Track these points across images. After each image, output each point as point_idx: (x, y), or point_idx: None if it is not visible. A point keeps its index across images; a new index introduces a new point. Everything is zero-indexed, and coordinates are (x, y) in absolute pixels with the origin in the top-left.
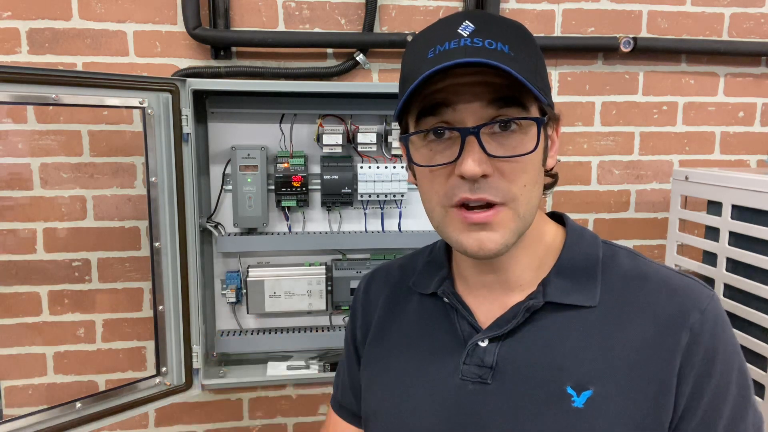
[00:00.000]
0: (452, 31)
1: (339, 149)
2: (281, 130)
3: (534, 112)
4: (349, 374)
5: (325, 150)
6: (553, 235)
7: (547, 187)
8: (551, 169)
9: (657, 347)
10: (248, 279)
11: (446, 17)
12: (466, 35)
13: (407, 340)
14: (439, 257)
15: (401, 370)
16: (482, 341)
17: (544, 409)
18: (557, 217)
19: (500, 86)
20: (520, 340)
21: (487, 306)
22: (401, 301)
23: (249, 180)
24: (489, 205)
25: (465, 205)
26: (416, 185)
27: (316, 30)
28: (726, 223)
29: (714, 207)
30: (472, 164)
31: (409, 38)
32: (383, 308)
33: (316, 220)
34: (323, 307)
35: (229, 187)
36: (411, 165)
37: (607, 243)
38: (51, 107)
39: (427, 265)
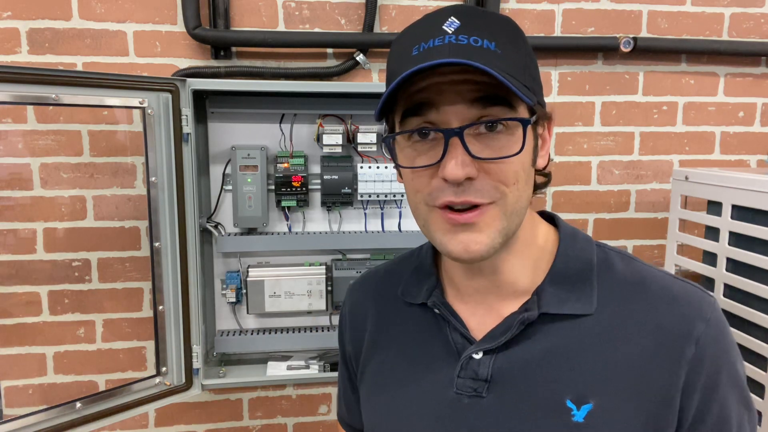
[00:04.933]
0: (437, 28)
1: (339, 149)
2: (281, 130)
3: (522, 110)
4: (351, 390)
5: (325, 150)
6: (545, 236)
7: (540, 186)
8: (544, 168)
9: (659, 358)
10: (248, 279)
11: (432, 12)
12: (450, 32)
13: (400, 352)
14: (426, 263)
15: (395, 384)
16: (476, 353)
17: (543, 423)
18: (548, 217)
19: (485, 85)
20: (515, 352)
21: (481, 314)
22: (391, 311)
23: (249, 180)
24: (474, 206)
25: (449, 207)
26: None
27: (316, 30)
28: (726, 223)
29: (714, 207)
30: (454, 167)
31: None
32: (374, 321)
33: (316, 220)
34: (323, 307)
35: (229, 187)
36: (397, 165)
37: (600, 245)
38: (51, 107)
39: (414, 271)
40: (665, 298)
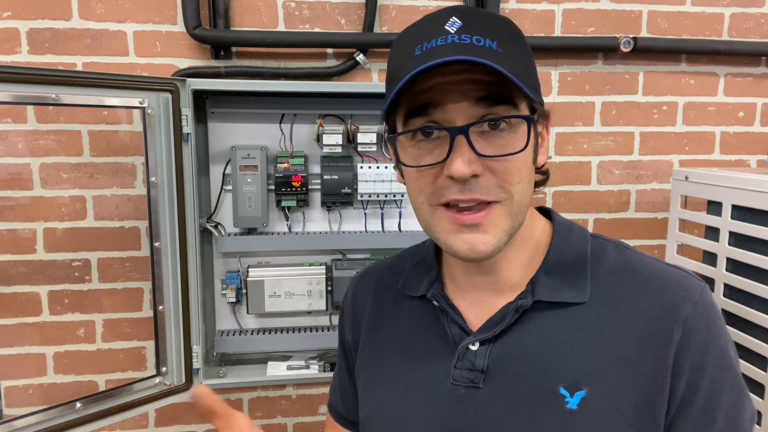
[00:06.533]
0: (439, 28)
1: (339, 149)
2: (281, 130)
3: (524, 109)
4: (349, 381)
5: (325, 150)
6: (541, 231)
7: (539, 184)
8: (542, 166)
9: (649, 341)
10: (248, 279)
11: (433, 13)
12: (453, 31)
13: (398, 344)
14: (428, 258)
15: (393, 375)
16: (473, 344)
17: (537, 412)
18: (544, 212)
19: (489, 84)
20: (510, 341)
21: (477, 307)
22: (391, 303)
23: (249, 180)
24: (480, 205)
25: (454, 205)
26: (405, 184)
27: (316, 30)
28: (726, 223)
29: (714, 207)
30: (461, 164)
31: None
32: (373, 312)
33: (316, 220)
34: (323, 307)
35: (229, 187)
36: (399, 165)
37: (596, 237)
38: (51, 107)
39: (416, 266)
40: (655, 282)
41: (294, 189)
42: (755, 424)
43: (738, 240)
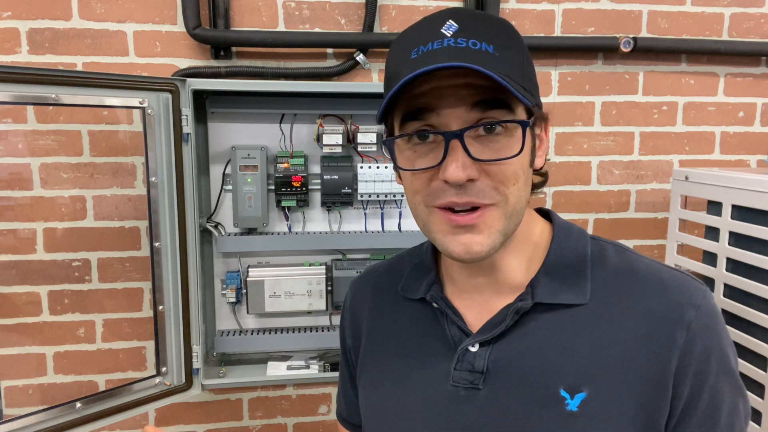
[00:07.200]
0: (435, 31)
1: (339, 149)
2: (281, 130)
3: (520, 112)
4: (351, 385)
5: (325, 150)
6: (540, 232)
7: (537, 186)
8: (540, 168)
9: (651, 345)
10: (248, 279)
11: (430, 15)
12: (449, 35)
13: (398, 346)
14: (426, 260)
15: (393, 377)
16: (472, 346)
17: (537, 414)
18: (544, 214)
19: (485, 88)
20: (510, 343)
21: (477, 309)
22: (390, 307)
23: (249, 180)
24: (475, 207)
25: (450, 208)
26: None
27: (316, 30)
28: (726, 223)
29: (714, 207)
30: (455, 169)
31: None
32: (372, 315)
33: (316, 220)
34: (323, 307)
35: (229, 187)
36: (396, 167)
37: (595, 238)
38: (51, 107)
39: (414, 268)
40: (656, 285)
41: (294, 189)
42: (756, 425)
43: (738, 240)
